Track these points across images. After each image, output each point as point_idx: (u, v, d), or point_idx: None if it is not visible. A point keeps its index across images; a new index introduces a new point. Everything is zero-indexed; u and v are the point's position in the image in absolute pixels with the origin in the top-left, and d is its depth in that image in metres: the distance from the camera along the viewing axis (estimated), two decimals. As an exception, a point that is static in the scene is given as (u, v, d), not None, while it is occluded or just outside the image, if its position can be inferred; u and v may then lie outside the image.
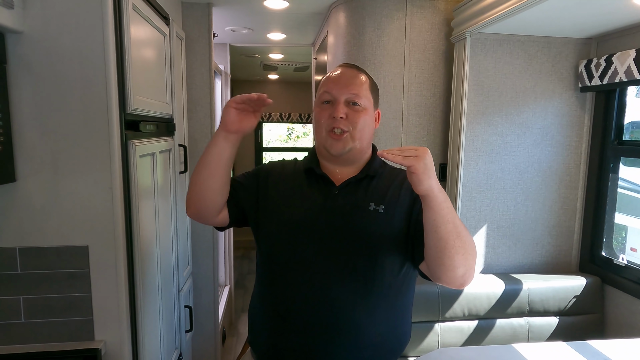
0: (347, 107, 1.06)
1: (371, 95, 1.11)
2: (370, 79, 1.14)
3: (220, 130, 1.04)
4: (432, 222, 0.90)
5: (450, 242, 0.89)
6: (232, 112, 1.02)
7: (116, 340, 1.29)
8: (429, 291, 1.90)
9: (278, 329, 1.08)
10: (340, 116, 1.04)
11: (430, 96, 2.14)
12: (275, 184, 1.15)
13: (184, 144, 2.12)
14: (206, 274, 2.49)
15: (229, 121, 1.02)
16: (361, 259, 1.04)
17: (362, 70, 1.14)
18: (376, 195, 1.08)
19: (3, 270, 1.22)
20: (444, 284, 0.96)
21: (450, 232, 0.89)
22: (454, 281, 0.93)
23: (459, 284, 0.94)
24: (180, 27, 2.17)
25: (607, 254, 2.04)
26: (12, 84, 1.15)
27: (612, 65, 1.80)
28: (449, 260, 0.90)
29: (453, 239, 0.89)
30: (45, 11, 1.15)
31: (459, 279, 0.93)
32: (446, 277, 0.93)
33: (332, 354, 1.04)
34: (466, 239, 0.91)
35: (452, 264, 0.90)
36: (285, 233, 1.08)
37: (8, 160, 1.15)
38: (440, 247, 0.90)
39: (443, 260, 0.91)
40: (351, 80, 1.08)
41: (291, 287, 1.06)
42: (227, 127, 1.03)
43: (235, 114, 1.02)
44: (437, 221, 0.89)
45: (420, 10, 2.08)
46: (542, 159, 2.09)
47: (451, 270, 0.91)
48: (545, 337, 1.97)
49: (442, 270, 0.92)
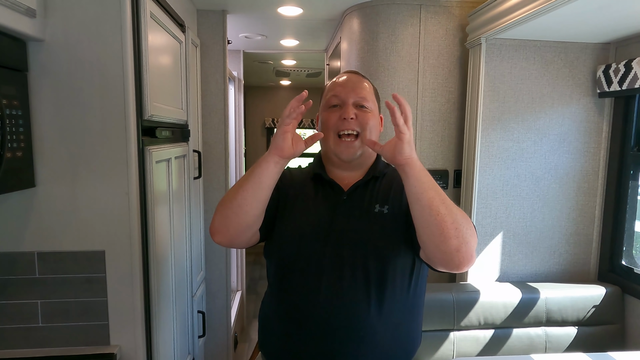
0: (356, 109, 1.08)
1: (376, 100, 1.15)
2: (373, 86, 1.17)
3: (273, 156, 0.98)
4: (414, 190, 0.90)
5: (434, 208, 0.87)
6: (288, 138, 0.97)
7: (131, 345, 1.30)
8: (444, 299, 1.87)
9: (292, 335, 1.08)
10: (350, 117, 1.06)
11: (445, 102, 2.12)
12: (287, 192, 1.15)
13: (198, 149, 2.14)
14: (219, 280, 2.49)
15: (285, 147, 0.97)
16: (372, 262, 1.04)
17: (366, 77, 1.18)
18: (380, 195, 1.10)
19: (22, 274, 1.23)
20: (443, 264, 0.92)
21: (433, 198, 0.88)
22: (451, 257, 0.89)
23: (457, 262, 0.89)
24: (195, 34, 2.20)
25: (627, 263, 1.99)
26: (33, 91, 1.17)
27: (632, 71, 1.77)
28: (438, 229, 0.87)
29: (437, 204, 0.88)
30: (66, 20, 1.17)
31: (455, 253, 0.88)
32: (441, 253, 0.90)
33: (347, 359, 1.04)
34: (453, 207, 0.90)
35: (443, 233, 0.87)
36: (298, 241, 1.08)
37: (28, 166, 1.17)
38: (425, 216, 0.88)
39: (432, 230, 0.88)
40: (358, 84, 1.12)
41: (305, 293, 1.06)
42: (282, 152, 0.97)
43: (290, 139, 0.98)
44: (417, 188, 0.89)
45: (434, 16, 2.08)
46: (559, 165, 2.05)
47: (443, 243, 0.88)
48: (564, 347, 1.92)
49: (435, 244, 0.89)
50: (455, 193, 2.16)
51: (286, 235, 1.09)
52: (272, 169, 0.98)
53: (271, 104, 5.63)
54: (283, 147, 0.97)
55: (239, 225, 1.01)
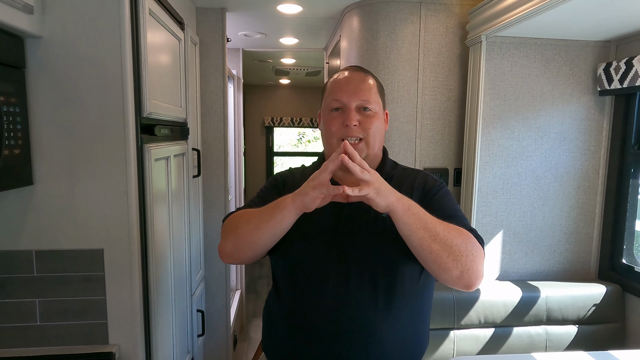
0: (359, 114, 1.05)
1: (380, 98, 1.10)
2: (376, 80, 1.12)
3: (298, 206, 0.93)
4: (402, 233, 0.90)
5: (426, 247, 0.87)
6: (318, 199, 0.92)
7: (130, 344, 1.29)
8: (445, 298, 1.86)
9: (299, 338, 1.07)
10: (353, 124, 1.03)
11: (445, 100, 2.11)
12: None
13: (197, 148, 2.13)
14: (218, 278, 2.48)
15: (312, 206, 0.93)
16: (380, 268, 1.02)
17: (369, 72, 1.12)
18: None
19: (20, 272, 1.22)
20: (451, 285, 0.93)
21: (422, 239, 0.87)
22: (455, 283, 0.91)
23: (464, 286, 0.91)
24: (194, 32, 2.19)
25: (627, 262, 1.98)
26: (31, 88, 1.16)
27: (633, 68, 1.76)
28: (435, 265, 0.88)
29: (428, 244, 0.87)
30: (64, 17, 1.16)
31: (458, 280, 0.90)
32: (444, 280, 0.92)
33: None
34: (449, 241, 0.88)
35: (441, 267, 0.88)
36: (303, 245, 1.06)
37: (25, 164, 1.16)
38: (419, 254, 0.89)
39: (430, 265, 0.90)
40: (360, 85, 1.06)
41: (312, 297, 1.04)
42: (307, 208, 0.93)
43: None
44: (404, 231, 0.89)
45: (434, 13, 2.07)
46: (560, 163, 2.05)
47: (444, 273, 0.89)
48: (564, 346, 1.92)
49: (437, 274, 0.91)
50: (456, 191, 2.16)
51: (292, 240, 1.05)
52: (293, 218, 0.96)
53: (270, 102, 5.62)
54: (309, 205, 0.93)
55: (252, 255, 1.04)
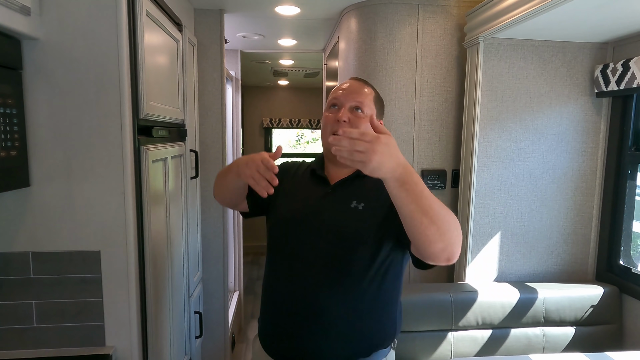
0: (351, 113, 1.15)
1: (375, 106, 1.20)
2: (376, 92, 1.23)
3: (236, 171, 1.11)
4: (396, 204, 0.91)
5: (416, 220, 0.90)
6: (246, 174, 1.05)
7: (127, 346, 1.29)
8: (442, 299, 1.86)
9: (271, 315, 1.19)
10: (343, 119, 1.13)
11: (443, 101, 2.12)
12: (287, 182, 1.25)
13: (195, 149, 2.13)
14: (216, 280, 2.48)
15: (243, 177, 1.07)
16: (338, 251, 1.12)
17: (370, 84, 1.24)
18: (360, 193, 1.17)
19: (16, 274, 1.22)
20: (431, 260, 0.97)
21: (413, 212, 0.89)
22: (437, 256, 0.95)
23: (445, 259, 0.95)
24: (192, 34, 2.19)
25: (625, 263, 1.99)
26: (28, 90, 1.16)
27: (630, 70, 1.77)
28: (423, 237, 0.91)
29: (419, 217, 0.89)
30: (61, 18, 1.16)
31: (441, 253, 0.94)
32: (428, 253, 0.95)
33: (314, 343, 1.11)
34: (438, 216, 0.90)
35: (428, 239, 0.91)
36: (281, 227, 1.20)
37: (22, 166, 1.16)
38: (409, 225, 0.92)
39: (417, 236, 0.93)
40: (357, 89, 1.19)
41: (282, 276, 1.18)
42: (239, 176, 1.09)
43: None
44: (397, 202, 0.90)
45: (432, 15, 2.07)
46: (557, 165, 2.05)
47: (429, 246, 0.93)
48: (562, 347, 1.92)
49: (422, 246, 0.94)
50: (453, 193, 2.16)
51: (276, 220, 1.22)
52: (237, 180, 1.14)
53: (269, 103, 5.61)
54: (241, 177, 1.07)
55: (228, 201, 1.28)
